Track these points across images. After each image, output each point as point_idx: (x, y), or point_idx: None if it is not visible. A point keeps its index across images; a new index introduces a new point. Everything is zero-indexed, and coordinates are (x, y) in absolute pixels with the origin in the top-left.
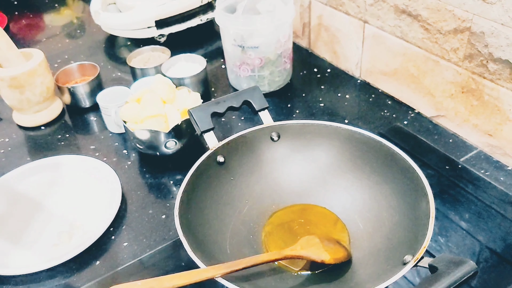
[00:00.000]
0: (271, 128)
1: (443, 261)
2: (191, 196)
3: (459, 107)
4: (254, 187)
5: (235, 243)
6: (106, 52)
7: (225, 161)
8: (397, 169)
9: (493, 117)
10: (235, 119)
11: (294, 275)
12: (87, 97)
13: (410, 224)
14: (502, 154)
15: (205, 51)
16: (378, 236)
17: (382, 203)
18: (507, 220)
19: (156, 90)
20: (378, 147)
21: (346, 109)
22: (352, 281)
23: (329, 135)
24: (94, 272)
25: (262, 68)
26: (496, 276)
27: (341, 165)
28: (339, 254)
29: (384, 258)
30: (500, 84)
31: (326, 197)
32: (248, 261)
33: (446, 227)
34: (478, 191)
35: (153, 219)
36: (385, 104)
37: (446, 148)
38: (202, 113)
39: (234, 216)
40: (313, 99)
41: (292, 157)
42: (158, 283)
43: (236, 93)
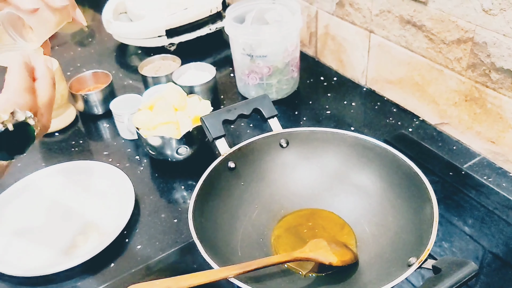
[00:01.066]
0: (280, 135)
1: (446, 262)
2: (203, 201)
3: (462, 115)
4: (264, 192)
5: (246, 246)
6: (117, 60)
7: (235, 166)
8: (402, 175)
9: (496, 125)
10: (244, 126)
11: (303, 277)
12: (100, 104)
13: (415, 228)
14: (504, 160)
15: (214, 59)
16: (384, 239)
17: (387, 208)
18: (509, 226)
19: (168, 97)
20: (384, 154)
21: (352, 117)
22: (358, 282)
23: (336, 142)
24: (109, 274)
25: (270, 76)
26: (499, 280)
27: (347, 171)
28: (346, 256)
29: (389, 260)
30: (502, 93)
31: (333, 202)
32: (260, 262)
33: (450, 232)
34: (481, 197)
35: (166, 223)
36: (390, 111)
37: (450, 155)
38: (214, 120)
39: (245, 220)
40: (319, 106)
41: (300, 163)
42: (175, 283)
43: (246, 101)
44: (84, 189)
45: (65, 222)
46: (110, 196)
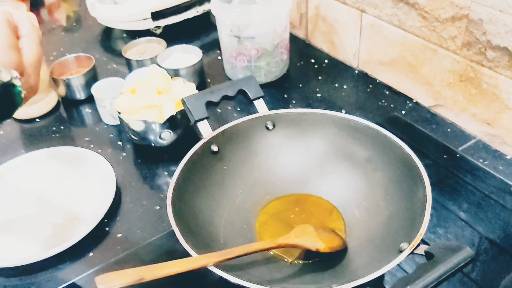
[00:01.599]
0: (266, 117)
1: (439, 248)
2: (184, 186)
3: (457, 96)
4: (249, 176)
5: (229, 233)
6: (102, 45)
7: (219, 150)
8: (393, 157)
9: (492, 106)
10: (230, 110)
11: (289, 265)
12: (82, 89)
13: (407, 212)
14: (501, 143)
15: (202, 42)
16: (374, 224)
17: (378, 191)
18: (506, 210)
19: (151, 80)
20: (375, 135)
21: (344, 100)
22: (347, 269)
23: (325, 124)
24: (88, 264)
25: (259, 58)
26: (496, 266)
27: (337, 154)
28: (334, 242)
29: (380, 246)
30: (498, 72)
31: (322, 186)
32: (242, 250)
33: (445, 218)
34: (477, 180)
35: (148, 210)
36: (383, 94)
37: (444, 137)
38: (196, 102)
39: (228, 205)
40: (310, 89)
41: (287, 146)
42: (149, 271)
43: (231, 82)
44: (64, 176)
45: (44, 210)
46: (90, 183)
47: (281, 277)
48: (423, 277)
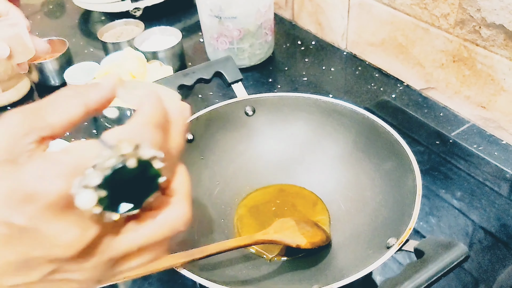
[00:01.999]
0: (245, 101)
1: (430, 244)
2: None
3: (450, 78)
4: (227, 166)
5: (204, 229)
6: (79, 28)
7: (194, 138)
8: (381, 144)
9: (486, 88)
10: (212, 96)
11: (268, 262)
12: (56, 75)
13: (395, 203)
14: (496, 127)
15: (184, 25)
16: (361, 217)
17: (365, 181)
18: (501, 198)
19: (125, 64)
20: (361, 121)
21: (331, 83)
22: (331, 267)
23: (308, 109)
24: None
25: (241, 40)
26: (490, 257)
27: (321, 141)
28: (317, 237)
29: (366, 241)
30: (493, 51)
31: (305, 176)
32: (214, 248)
33: (437, 207)
34: (471, 167)
35: None
36: (372, 77)
37: (437, 122)
38: (168, 86)
39: (204, 198)
40: (296, 73)
41: (268, 133)
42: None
43: (206, 64)
44: None
45: None
46: None
47: (258, 276)
48: (412, 278)
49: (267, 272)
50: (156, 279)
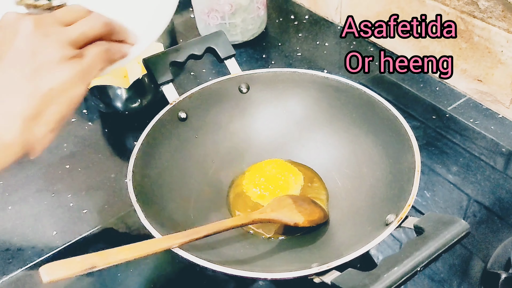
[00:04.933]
0: (239, 78)
1: (430, 221)
2: (148, 157)
3: (446, 51)
4: (222, 144)
5: (201, 208)
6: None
7: (187, 116)
8: (378, 120)
9: (483, 61)
10: (205, 73)
11: (266, 241)
12: None
13: (393, 180)
14: (492, 101)
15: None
16: (358, 194)
17: (362, 157)
18: (496, 172)
19: None
20: (358, 96)
21: (326, 58)
22: (329, 245)
23: (303, 85)
24: (50, 244)
25: (233, 15)
26: (485, 231)
27: (317, 117)
28: (315, 215)
29: (365, 218)
30: (491, 23)
31: (301, 152)
32: (211, 228)
33: (433, 181)
34: (467, 141)
35: (116, 183)
36: (367, 51)
37: (433, 97)
38: (159, 63)
39: (199, 177)
40: (290, 48)
41: (263, 110)
42: (102, 258)
43: (197, 39)
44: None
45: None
46: None
47: (256, 255)
48: (412, 256)
49: (265, 251)
50: (154, 258)
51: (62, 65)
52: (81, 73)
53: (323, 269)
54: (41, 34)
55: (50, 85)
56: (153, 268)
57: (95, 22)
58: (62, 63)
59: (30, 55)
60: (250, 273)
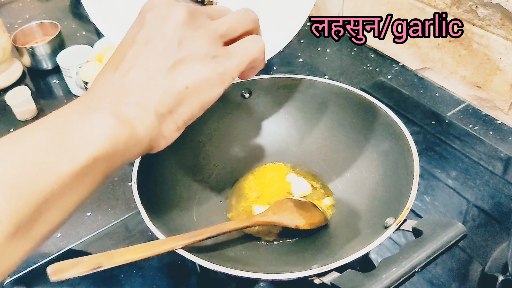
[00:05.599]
0: (242, 83)
1: (428, 224)
2: (152, 161)
3: (446, 58)
4: (224, 149)
5: (203, 211)
6: (71, 12)
7: None
8: (378, 125)
9: (482, 68)
10: None
11: (267, 243)
12: (49, 58)
13: (393, 184)
14: (491, 107)
15: None
16: (359, 197)
17: (362, 161)
18: (495, 177)
19: None
20: (358, 102)
21: (327, 64)
22: (330, 247)
23: (305, 90)
24: (54, 246)
25: None
26: (484, 235)
27: (318, 123)
28: (315, 218)
29: (364, 221)
30: (490, 31)
31: (303, 156)
32: (213, 230)
33: (432, 186)
34: (466, 147)
35: (119, 187)
36: (368, 57)
37: (432, 102)
38: None
39: (202, 181)
40: (291, 54)
41: (265, 115)
42: (107, 259)
43: None
44: None
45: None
46: None
47: (257, 257)
48: (410, 257)
49: (266, 253)
50: (156, 261)
51: (204, 62)
52: (222, 74)
53: (323, 270)
54: (192, 25)
55: (187, 82)
56: (155, 269)
57: (245, 16)
58: (205, 60)
59: (176, 45)
60: (252, 274)
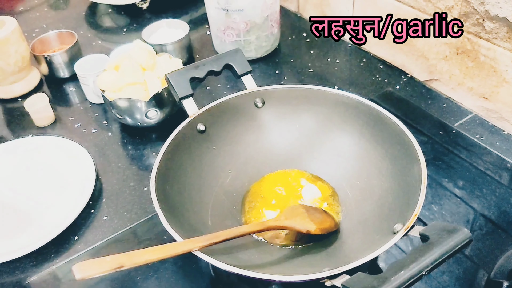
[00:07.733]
0: (255, 93)
1: (435, 229)
2: (169, 166)
3: (453, 69)
4: (238, 155)
5: (217, 215)
6: (86, 21)
7: (206, 129)
8: (387, 134)
9: (489, 79)
10: (220, 87)
11: (279, 247)
12: (66, 67)
13: (401, 191)
14: (498, 118)
15: (190, 17)
16: (368, 204)
17: (371, 169)
18: (502, 186)
19: (135, 56)
20: (368, 111)
21: (336, 75)
22: (340, 252)
23: (316, 100)
24: (72, 249)
25: (248, 32)
26: (490, 243)
27: (329, 131)
28: (326, 224)
29: (373, 227)
30: (496, 44)
31: (313, 164)
32: (229, 233)
33: (440, 195)
34: (473, 157)
35: (135, 192)
36: (377, 68)
37: (440, 113)
38: (180, 78)
39: (217, 186)
40: (302, 64)
41: (277, 124)
42: (129, 259)
43: (216, 56)
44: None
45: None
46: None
47: (270, 260)
48: (418, 261)
49: (279, 256)
50: (171, 263)
51: None
52: None
53: (334, 272)
54: None
55: None
56: (170, 272)
57: None
58: None
59: None
60: (266, 276)
